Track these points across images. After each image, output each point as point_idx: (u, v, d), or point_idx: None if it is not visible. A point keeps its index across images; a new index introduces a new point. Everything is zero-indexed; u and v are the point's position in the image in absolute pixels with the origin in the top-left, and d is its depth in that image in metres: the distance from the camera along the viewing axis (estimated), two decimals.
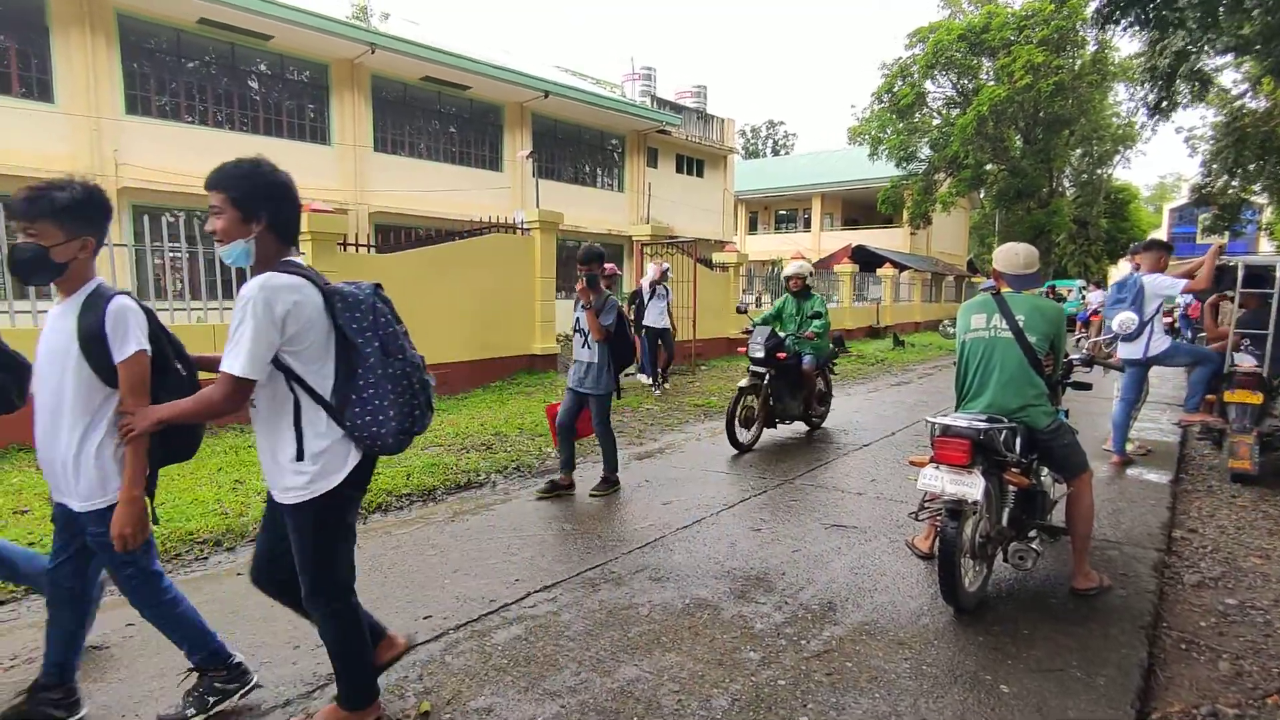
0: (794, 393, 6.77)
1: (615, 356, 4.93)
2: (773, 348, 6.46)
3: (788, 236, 36.20)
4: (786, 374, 6.62)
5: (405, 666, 2.77)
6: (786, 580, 3.60)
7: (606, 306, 4.88)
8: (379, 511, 4.75)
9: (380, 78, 16.22)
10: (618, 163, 22.50)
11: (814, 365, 6.84)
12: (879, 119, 29.73)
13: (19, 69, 11.90)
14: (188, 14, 13.04)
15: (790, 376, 6.68)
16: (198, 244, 7.28)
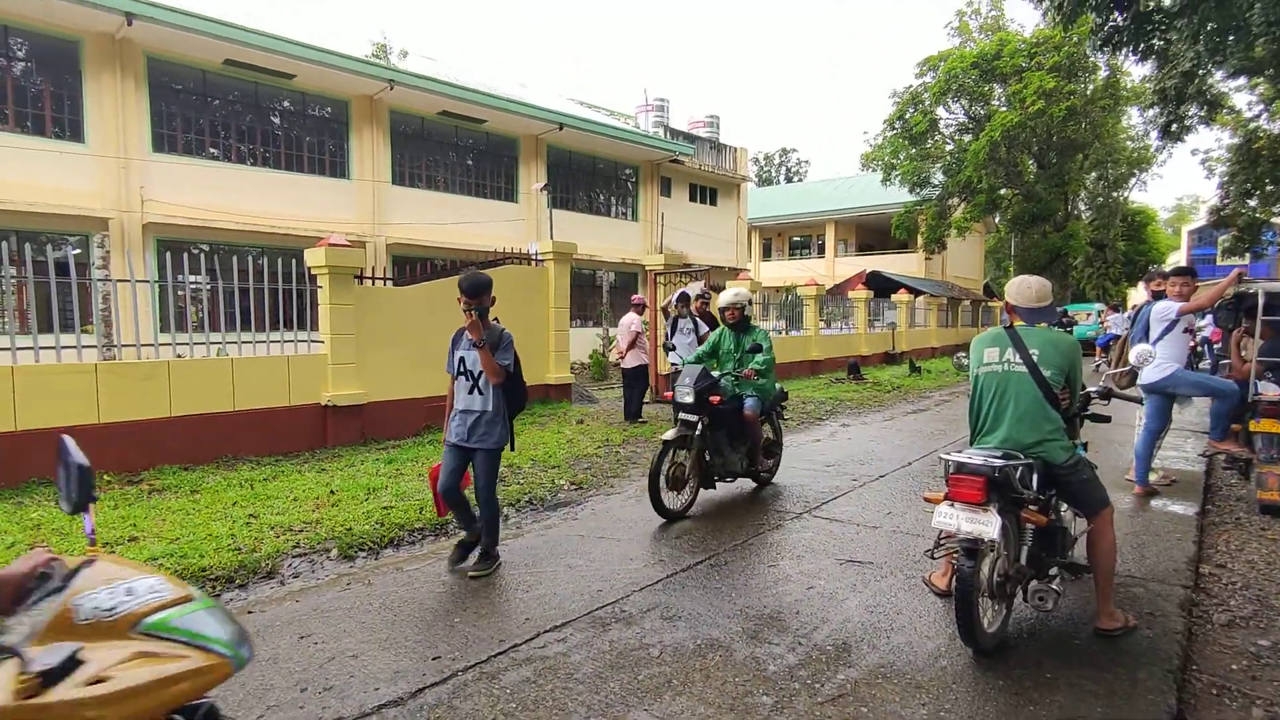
0: (735, 443, 5.68)
1: (510, 403, 4.28)
2: (705, 390, 5.40)
3: (802, 263, 36.23)
4: (724, 421, 5.56)
5: (411, 711, 2.74)
6: (800, 619, 3.54)
7: (502, 343, 4.18)
8: (390, 546, 4.74)
9: (398, 113, 16.58)
10: (631, 192, 22.73)
11: (758, 410, 5.73)
12: (891, 145, 29.88)
13: (53, 111, 12.31)
14: (214, 55, 13.45)
15: (729, 424, 5.61)
16: (218, 278, 7.41)
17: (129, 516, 5.09)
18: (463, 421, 4.21)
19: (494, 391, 4.19)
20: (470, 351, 4.20)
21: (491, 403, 4.18)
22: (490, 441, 4.20)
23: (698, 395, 5.34)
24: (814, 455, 7.73)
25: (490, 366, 4.10)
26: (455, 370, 4.27)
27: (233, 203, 13.63)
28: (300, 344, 7.95)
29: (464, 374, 4.23)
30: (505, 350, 4.19)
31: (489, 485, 4.23)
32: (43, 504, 5.42)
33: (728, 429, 5.62)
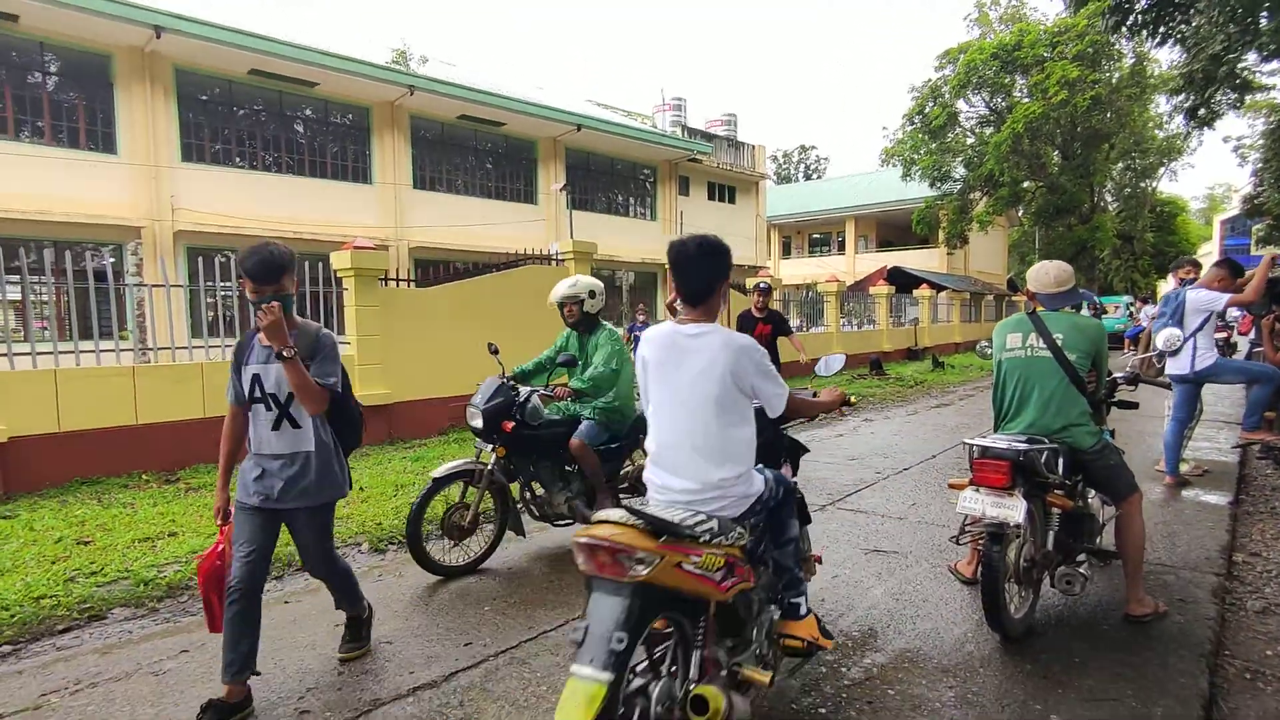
0: (561, 479, 4.41)
1: (341, 439, 2.92)
2: (496, 412, 4.13)
3: (822, 260, 36.06)
4: (544, 452, 4.36)
5: (446, 693, 2.81)
6: (826, 606, 3.56)
7: (321, 351, 2.77)
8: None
9: (419, 118, 16.80)
10: (650, 192, 22.78)
11: (591, 439, 4.29)
12: (911, 140, 29.62)
13: (86, 124, 12.66)
14: (239, 65, 13.75)
15: (550, 455, 4.38)
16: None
17: (167, 513, 5.24)
18: (269, 473, 2.77)
19: (315, 422, 2.79)
20: (270, 365, 2.72)
21: (313, 437, 2.78)
22: (319, 495, 2.80)
23: (488, 419, 4.10)
24: (837, 449, 7.72)
25: (304, 386, 2.65)
26: (245, 395, 2.78)
27: (259, 209, 13.91)
28: None
29: (261, 399, 2.75)
30: (327, 360, 2.76)
31: (323, 550, 2.94)
32: (85, 502, 5.60)
33: (551, 461, 4.41)
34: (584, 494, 4.44)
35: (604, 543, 1.90)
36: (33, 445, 5.91)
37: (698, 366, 2.25)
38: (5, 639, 3.33)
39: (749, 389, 2.29)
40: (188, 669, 3.07)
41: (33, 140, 12.22)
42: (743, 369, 2.24)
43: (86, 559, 4.27)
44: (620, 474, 4.66)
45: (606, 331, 4.58)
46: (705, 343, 2.27)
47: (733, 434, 2.26)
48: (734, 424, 2.26)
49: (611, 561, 1.90)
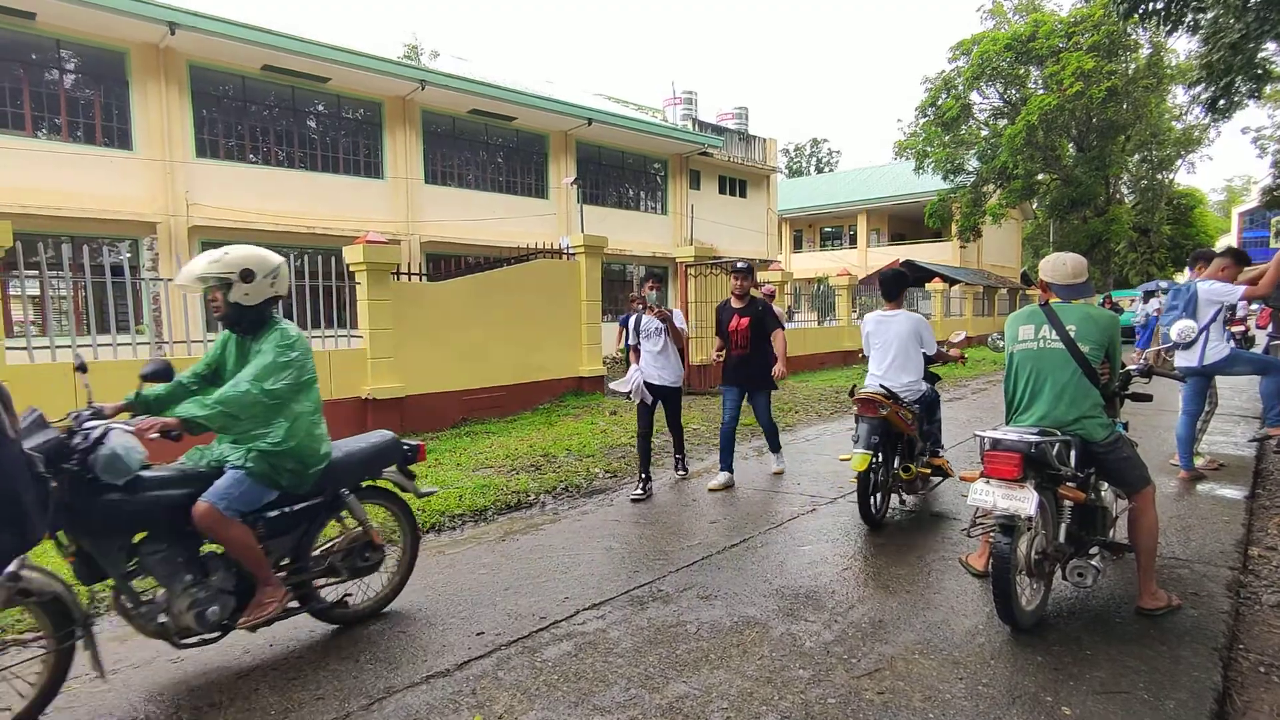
0: (187, 570, 2.83)
1: None
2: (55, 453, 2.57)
3: (833, 253, 35.87)
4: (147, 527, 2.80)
5: (459, 681, 2.84)
6: (836, 599, 3.56)
7: None
8: (432, 531, 4.88)
9: (430, 112, 16.84)
10: (660, 186, 22.74)
11: (227, 506, 2.83)
12: (924, 132, 29.38)
13: (102, 120, 12.79)
14: (253, 61, 13.83)
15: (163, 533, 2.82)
16: None
17: None
18: None
19: None
20: None
21: None
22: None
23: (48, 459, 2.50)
24: (848, 444, 7.70)
25: None
26: None
27: (272, 204, 14.01)
28: (340, 339, 8.17)
29: None
30: None
31: None
32: None
33: (169, 541, 2.82)
34: (233, 592, 2.90)
35: (871, 399, 4.56)
36: None
37: (895, 329, 5.00)
38: (25, 628, 3.39)
39: (919, 340, 5.00)
40: (215, 660, 3.11)
41: (50, 136, 12.35)
42: (915, 331, 4.98)
43: None
44: (315, 552, 3.20)
45: (278, 332, 3.02)
46: (898, 319, 5.04)
47: (915, 360, 5.00)
48: (915, 355, 5.00)
49: (872, 407, 4.54)
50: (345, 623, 3.36)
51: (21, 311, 9.28)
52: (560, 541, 4.57)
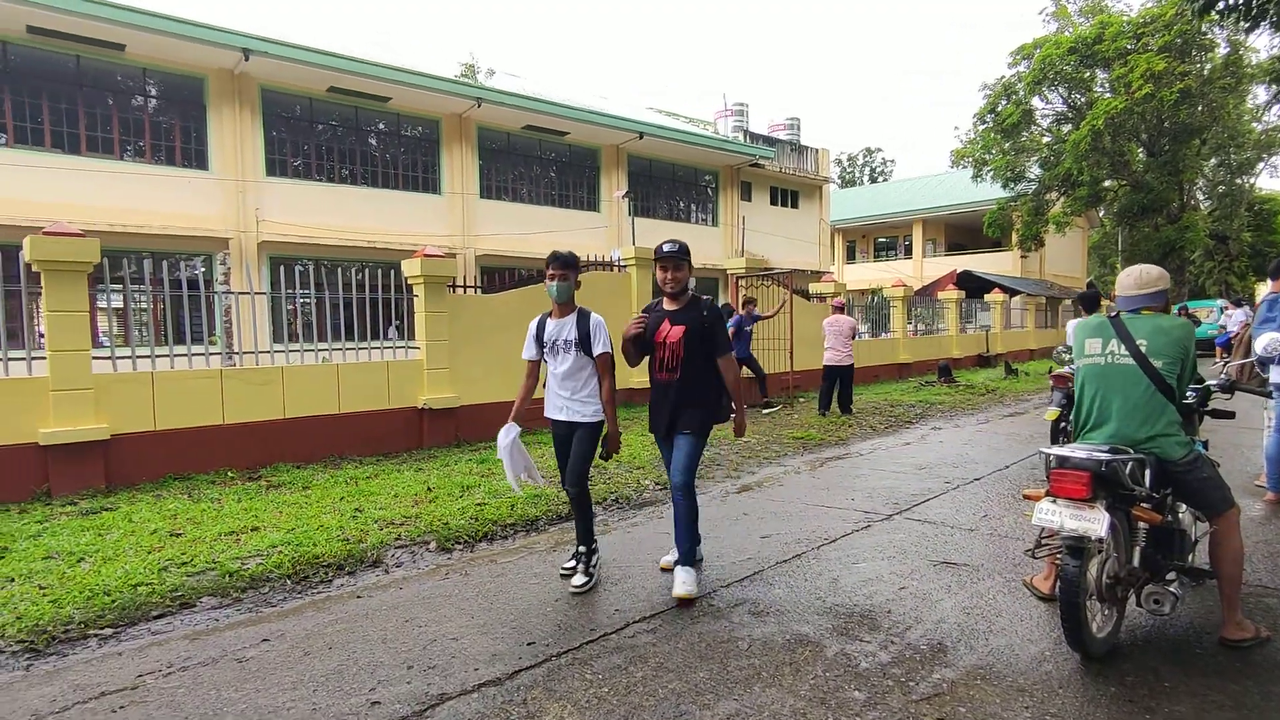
0: None
1: None
2: None
3: (888, 264, 35.16)
4: None
5: (509, 690, 2.87)
6: (893, 619, 3.46)
7: None
8: (485, 540, 4.94)
9: (485, 129, 17.26)
10: (711, 198, 22.73)
11: None
12: (983, 140, 28.61)
13: (181, 142, 13.54)
14: (320, 83, 14.45)
15: None
16: (324, 289, 7.95)
17: (251, 509, 5.52)
18: None
19: None
20: None
21: None
22: None
23: None
24: (904, 458, 7.52)
25: None
26: None
27: (336, 220, 14.55)
28: (398, 350, 8.40)
29: None
30: None
31: None
32: (177, 496, 5.95)
33: None
34: None
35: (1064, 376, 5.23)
36: (132, 442, 6.33)
37: None
38: (107, 622, 3.58)
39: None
40: (268, 657, 3.22)
41: (135, 159, 13.12)
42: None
43: (178, 550, 4.54)
44: None
45: None
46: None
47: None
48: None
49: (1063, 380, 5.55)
50: None
51: (107, 323, 9.85)
52: (611, 554, 4.57)
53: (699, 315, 3.93)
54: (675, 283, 3.98)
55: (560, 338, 4.06)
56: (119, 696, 2.89)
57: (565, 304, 4.11)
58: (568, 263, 4.05)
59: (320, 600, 3.94)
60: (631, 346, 4.05)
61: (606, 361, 4.02)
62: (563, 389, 4.06)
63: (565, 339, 4.04)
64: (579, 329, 4.02)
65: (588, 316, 4.04)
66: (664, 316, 4.00)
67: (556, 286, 4.06)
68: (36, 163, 11.88)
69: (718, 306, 4.09)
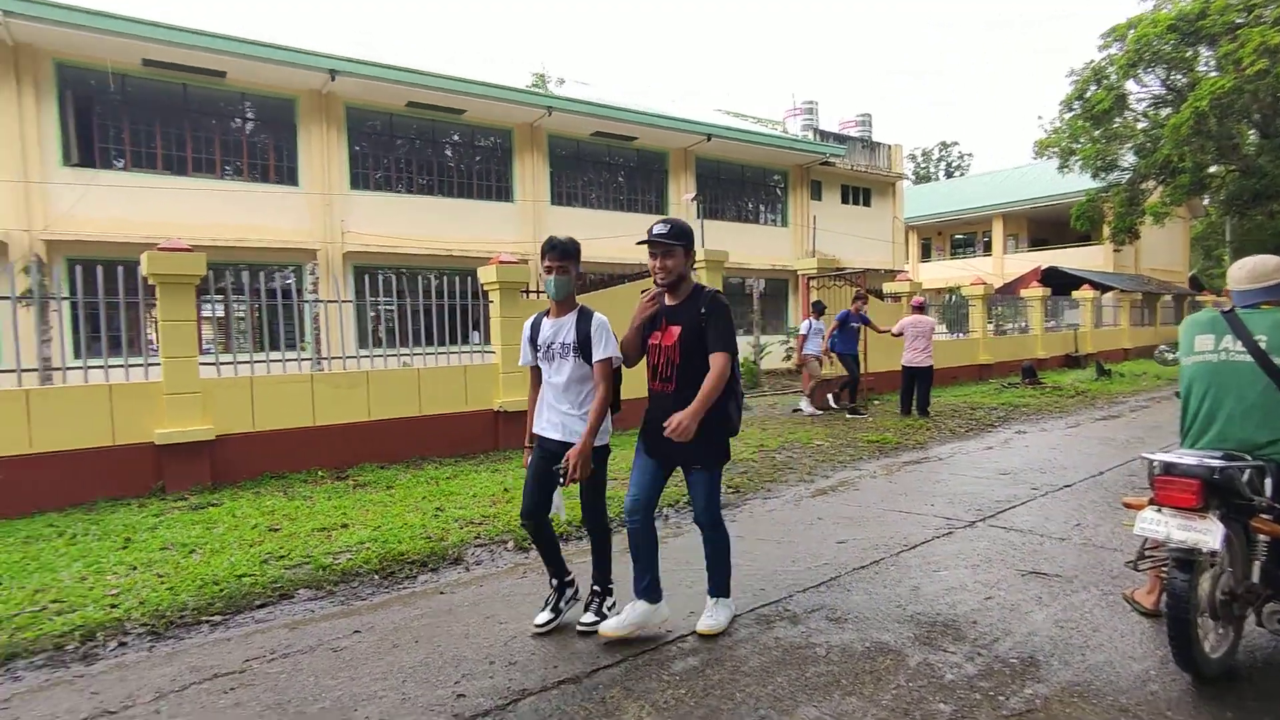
0: None
1: None
2: None
3: (966, 261, 33.82)
4: None
5: (587, 689, 2.91)
6: (979, 630, 3.34)
7: None
8: (562, 540, 5.03)
9: (555, 136, 17.59)
10: (780, 198, 22.44)
11: None
12: (1070, 128, 27.12)
13: (274, 160, 14.39)
14: (399, 99, 15.08)
15: None
16: (405, 296, 8.29)
17: (340, 507, 5.80)
18: None
19: None
20: None
21: None
22: None
23: None
24: (986, 463, 7.22)
25: None
26: None
27: (415, 229, 15.12)
28: (475, 354, 8.65)
29: None
30: None
31: None
32: (274, 494, 6.32)
33: None
34: None
35: None
36: (234, 443, 6.76)
37: None
38: (216, 610, 3.84)
39: None
40: (360, 647, 3.38)
41: (233, 178, 14.03)
42: None
43: (276, 544, 4.82)
44: None
45: None
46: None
47: None
48: None
49: None
50: None
51: (211, 331, 10.58)
52: (684, 555, 4.58)
53: (697, 313, 3.27)
54: (667, 272, 3.30)
55: (557, 341, 3.45)
56: (229, 679, 3.10)
57: (564, 302, 3.50)
58: (567, 252, 3.42)
59: (406, 595, 4.10)
60: (636, 337, 3.43)
61: (606, 369, 3.38)
62: (560, 402, 3.45)
63: (563, 342, 3.42)
64: (579, 331, 3.40)
65: (589, 316, 3.42)
66: (660, 316, 3.39)
67: (555, 281, 3.42)
68: (150, 184, 12.84)
69: (721, 298, 3.36)
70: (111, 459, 6.20)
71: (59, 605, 3.83)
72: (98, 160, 12.85)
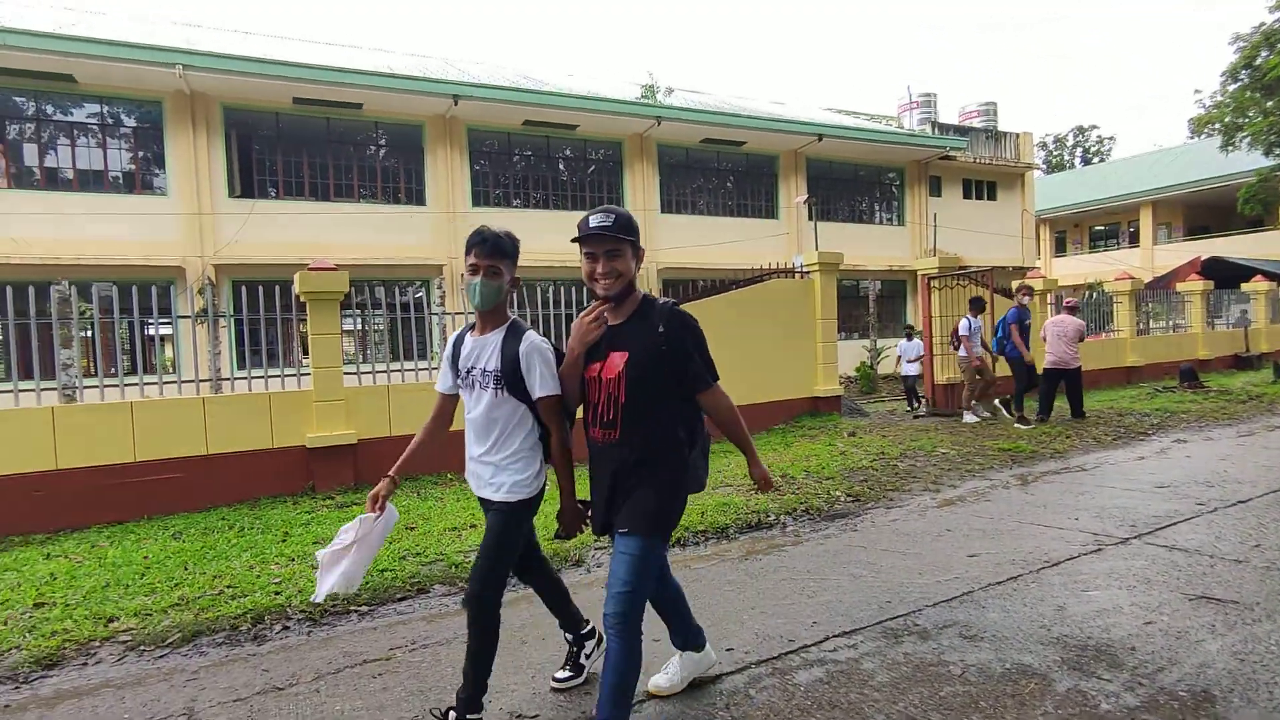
0: None
1: None
2: None
3: (1108, 255, 31.04)
4: None
5: (712, 694, 2.92)
6: (1138, 657, 3.05)
7: None
8: (677, 546, 5.07)
9: (665, 145, 17.79)
10: (896, 195, 21.57)
11: None
12: (1235, 100, 24.32)
13: (404, 183, 15.46)
14: (516, 118, 15.81)
15: None
16: (524, 308, 8.65)
17: (467, 508, 6.12)
18: None
19: None
20: None
21: None
22: None
23: None
24: (1139, 474, 6.59)
25: None
26: None
27: (530, 241, 15.56)
28: None
29: None
30: None
31: None
32: (409, 495, 6.76)
33: None
34: None
35: None
36: (374, 446, 7.30)
37: None
38: (363, 601, 4.16)
39: None
40: None
41: (368, 201, 15.19)
42: None
43: (412, 542, 5.15)
44: None
45: None
46: None
47: None
48: None
49: None
50: None
51: (351, 344, 11.50)
52: (804, 565, 4.49)
53: (652, 334, 2.40)
54: (610, 279, 2.41)
55: (478, 366, 2.61)
56: (377, 665, 3.35)
57: (492, 313, 2.62)
58: (500, 248, 2.53)
59: (528, 594, 4.24)
60: (575, 371, 2.54)
61: (552, 407, 2.59)
62: (476, 444, 2.69)
63: (484, 368, 2.58)
64: (504, 354, 2.55)
65: (520, 334, 2.58)
66: (603, 340, 2.48)
67: (480, 286, 2.52)
68: (298, 210, 14.15)
69: (684, 313, 2.47)
70: (270, 460, 6.86)
71: (233, 590, 4.28)
72: (256, 190, 14.31)
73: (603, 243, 2.42)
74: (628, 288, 2.49)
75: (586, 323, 2.49)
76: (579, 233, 2.43)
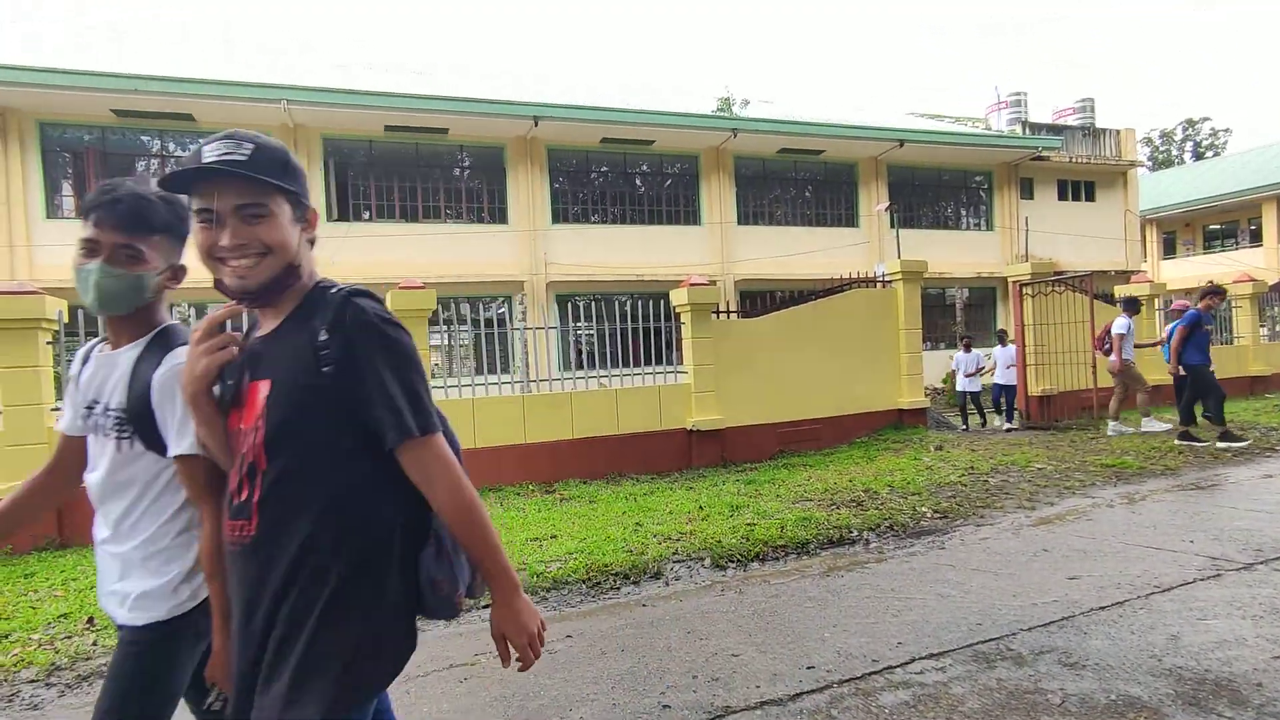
0: None
1: None
2: None
3: (1224, 255, 28.69)
4: None
5: (793, 712, 2.88)
6: (1265, 694, 2.81)
7: None
8: (756, 560, 5.03)
9: (741, 157, 17.76)
10: (984, 200, 20.70)
11: None
12: None
13: (488, 203, 16.06)
14: (594, 137, 16.17)
15: None
16: (604, 321, 8.81)
17: (548, 519, 6.27)
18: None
19: None
20: None
21: None
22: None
23: None
24: (1267, 494, 6.05)
25: None
26: None
27: (610, 257, 16.03)
28: (668, 375, 8.95)
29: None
30: None
31: None
32: (491, 505, 6.98)
33: None
34: None
35: None
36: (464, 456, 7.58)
37: None
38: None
39: None
40: (571, 652, 3.63)
41: (454, 221, 15.86)
42: None
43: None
44: None
45: None
46: None
47: None
48: None
49: None
50: None
51: (438, 358, 12.00)
52: (888, 583, 4.36)
53: (308, 346, 1.35)
54: (248, 260, 1.36)
55: (100, 399, 1.62)
56: (463, 669, 3.48)
57: (128, 318, 1.62)
58: (140, 216, 1.55)
59: (610, 605, 4.33)
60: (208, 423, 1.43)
61: (193, 474, 1.51)
62: (101, 523, 1.63)
63: (106, 404, 1.60)
64: (133, 382, 1.58)
65: (169, 348, 1.60)
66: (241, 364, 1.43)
67: (96, 274, 1.53)
68: (389, 232, 14.93)
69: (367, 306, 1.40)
70: None
71: None
72: (351, 214, 15.18)
73: (229, 191, 1.33)
74: (285, 273, 1.40)
75: (199, 341, 1.42)
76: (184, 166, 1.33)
